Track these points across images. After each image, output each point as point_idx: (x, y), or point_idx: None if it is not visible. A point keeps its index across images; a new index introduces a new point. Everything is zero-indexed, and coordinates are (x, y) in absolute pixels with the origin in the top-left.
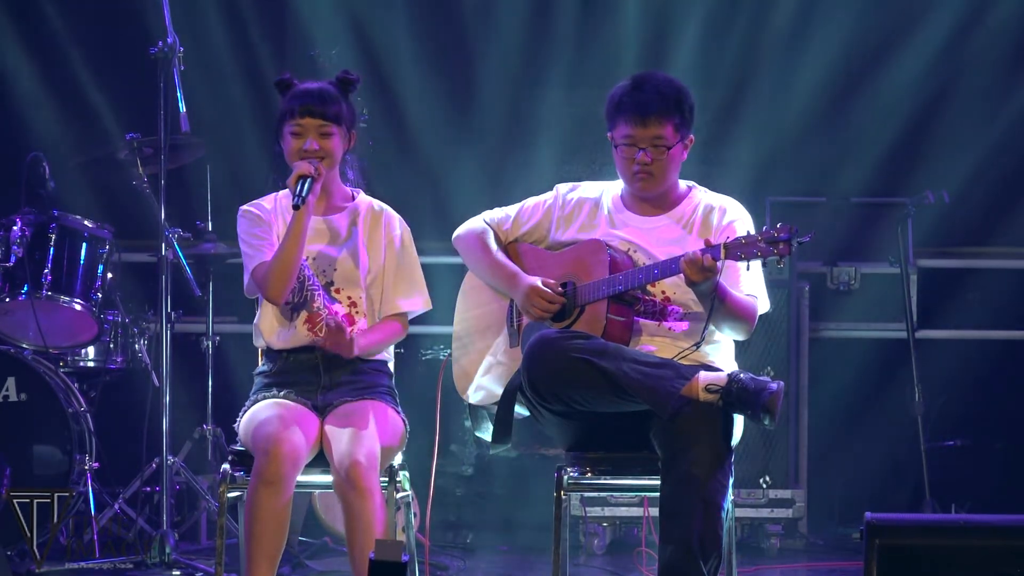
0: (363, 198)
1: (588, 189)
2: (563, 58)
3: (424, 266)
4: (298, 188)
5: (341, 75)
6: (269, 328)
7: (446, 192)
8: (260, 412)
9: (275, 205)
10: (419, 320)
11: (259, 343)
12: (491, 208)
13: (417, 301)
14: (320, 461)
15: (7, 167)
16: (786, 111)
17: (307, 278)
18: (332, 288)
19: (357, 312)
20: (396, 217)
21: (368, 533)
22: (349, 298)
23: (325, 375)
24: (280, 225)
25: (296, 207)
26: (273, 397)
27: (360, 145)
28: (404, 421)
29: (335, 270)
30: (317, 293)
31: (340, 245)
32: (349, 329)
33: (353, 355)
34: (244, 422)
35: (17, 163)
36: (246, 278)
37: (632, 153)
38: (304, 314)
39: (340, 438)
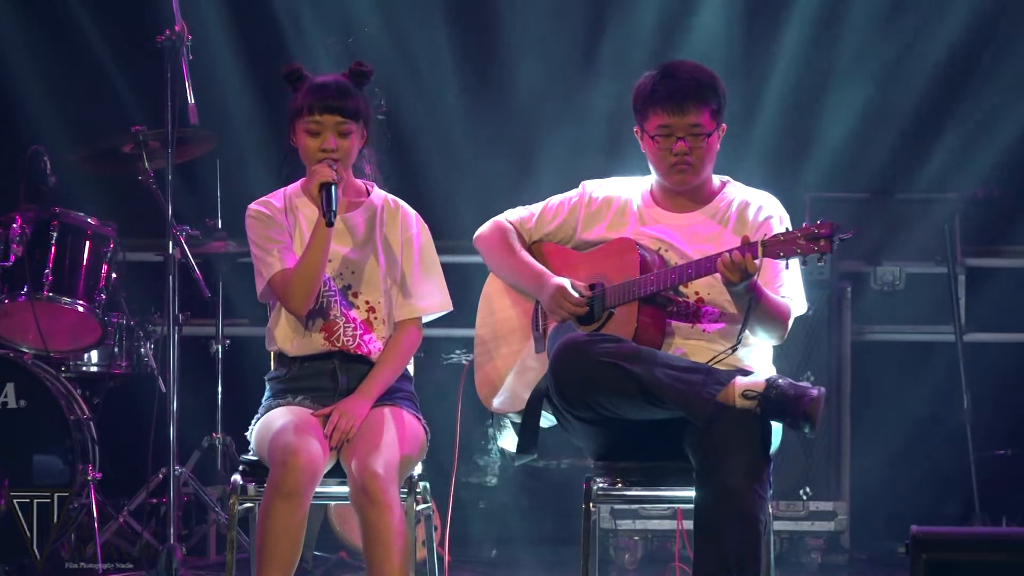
0: (377, 193)
1: (616, 185)
2: (595, 47)
3: (445, 266)
4: (324, 200)
5: (355, 67)
6: (284, 335)
7: (467, 189)
8: (275, 420)
9: (285, 202)
10: (440, 322)
11: (272, 347)
12: (514, 207)
13: (434, 302)
14: (336, 471)
15: (6, 162)
16: (825, 101)
17: (324, 283)
18: (350, 292)
19: (376, 318)
20: (413, 213)
21: (387, 548)
22: (367, 303)
23: (342, 381)
24: (292, 223)
25: (330, 224)
26: (287, 404)
27: (377, 138)
28: (425, 428)
29: (353, 273)
30: (334, 300)
31: (358, 246)
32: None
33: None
34: (257, 430)
35: (16, 157)
36: (260, 285)
37: (669, 143)
38: (320, 322)
39: (358, 447)
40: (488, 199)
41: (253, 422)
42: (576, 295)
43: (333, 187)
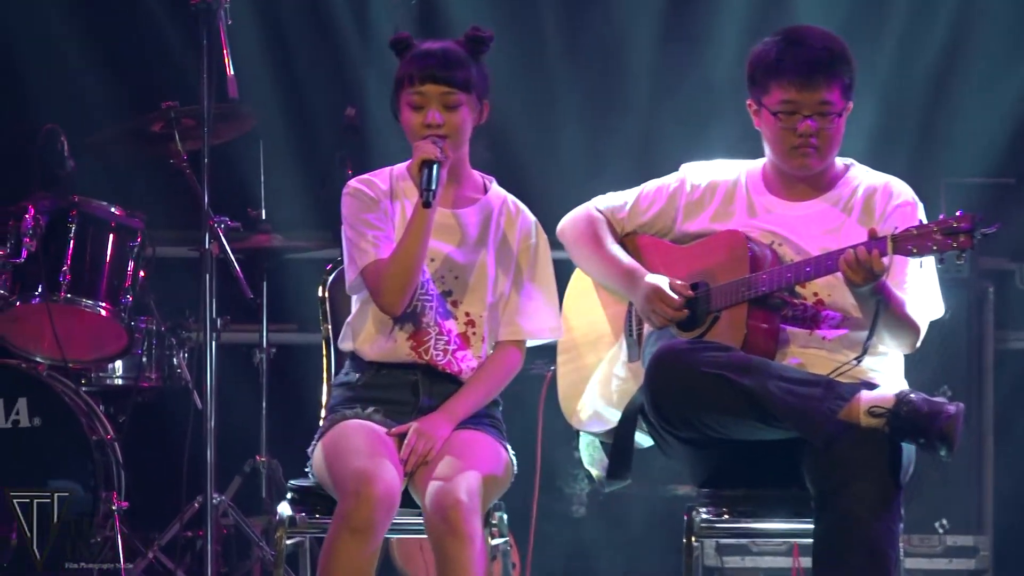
0: (496, 191)
1: (721, 169)
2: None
3: None
4: (424, 178)
5: (470, 32)
6: (365, 333)
7: (548, 170)
8: (345, 439)
9: (391, 184)
10: None
11: (346, 346)
12: (604, 193)
13: (544, 326)
14: (403, 497)
15: (17, 144)
16: (963, 75)
17: (421, 284)
18: (449, 299)
19: (474, 334)
20: (533, 221)
21: None
22: (468, 315)
23: (424, 399)
24: (398, 213)
25: (427, 204)
26: (356, 416)
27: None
28: (512, 459)
29: (456, 278)
30: (430, 306)
31: (467, 248)
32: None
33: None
34: (323, 449)
35: (29, 138)
36: (351, 275)
37: (793, 122)
38: (411, 327)
39: (436, 472)
40: (574, 183)
41: (316, 437)
42: (675, 296)
43: (436, 165)
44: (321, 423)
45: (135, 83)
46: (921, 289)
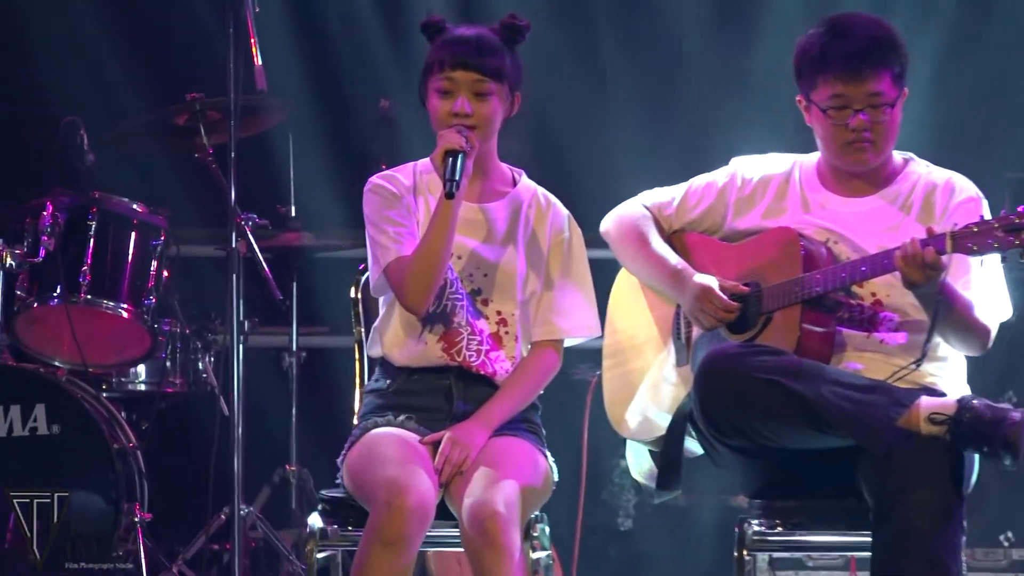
0: (526, 184)
1: (773, 163)
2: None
3: None
4: (447, 168)
5: (507, 19)
6: (393, 338)
7: (593, 165)
8: (376, 447)
9: (414, 179)
10: None
11: (375, 352)
12: (650, 188)
13: (581, 324)
14: (440, 509)
15: (35, 138)
16: None
17: (449, 283)
18: (479, 298)
19: (507, 333)
20: (566, 214)
21: None
22: (499, 314)
23: (458, 405)
24: (422, 209)
25: (450, 195)
26: (388, 424)
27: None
28: (552, 467)
29: (485, 275)
30: (460, 305)
31: (495, 244)
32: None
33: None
34: (353, 459)
35: (48, 132)
36: (374, 274)
37: (844, 117)
38: (440, 328)
39: (472, 481)
40: (619, 178)
41: (347, 447)
42: (725, 297)
43: (460, 155)
44: (352, 432)
45: (159, 74)
46: (988, 289)
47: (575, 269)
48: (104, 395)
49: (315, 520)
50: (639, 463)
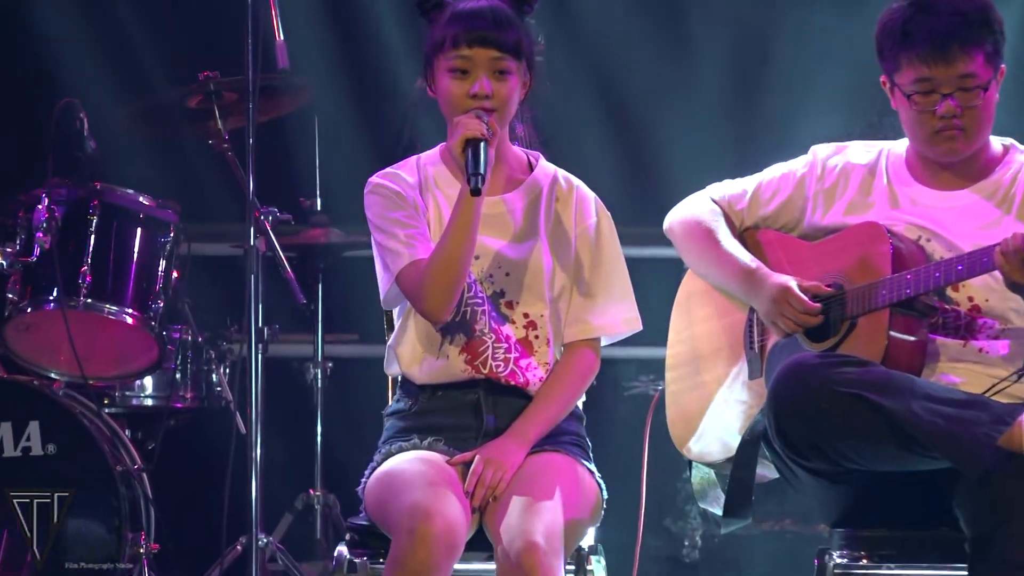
0: (544, 168)
1: (857, 151)
2: None
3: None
4: (469, 160)
5: None
6: (411, 355)
7: (653, 155)
8: (398, 472)
9: (419, 175)
10: (620, 341)
11: (393, 371)
12: (720, 180)
13: (618, 319)
14: (479, 540)
15: (31, 123)
16: None
17: (467, 287)
18: (502, 301)
19: (537, 338)
20: (591, 197)
21: None
22: (526, 316)
23: (489, 420)
24: (430, 205)
25: (476, 191)
26: (414, 448)
27: (534, 87)
28: (599, 484)
29: (508, 275)
30: (481, 311)
31: (515, 239)
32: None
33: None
34: (373, 485)
35: (44, 116)
36: (385, 283)
37: (931, 103)
38: (462, 339)
39: (509, 508)
40: (685, 170)
41: (367, 473)
42: (805, 298)
43: (483, 144)
44: (372, 458)
45: (168, 51)
46: None
47: (607, 257)
48: (106, 411)
49: (342, 551)
50: (706, 488)
